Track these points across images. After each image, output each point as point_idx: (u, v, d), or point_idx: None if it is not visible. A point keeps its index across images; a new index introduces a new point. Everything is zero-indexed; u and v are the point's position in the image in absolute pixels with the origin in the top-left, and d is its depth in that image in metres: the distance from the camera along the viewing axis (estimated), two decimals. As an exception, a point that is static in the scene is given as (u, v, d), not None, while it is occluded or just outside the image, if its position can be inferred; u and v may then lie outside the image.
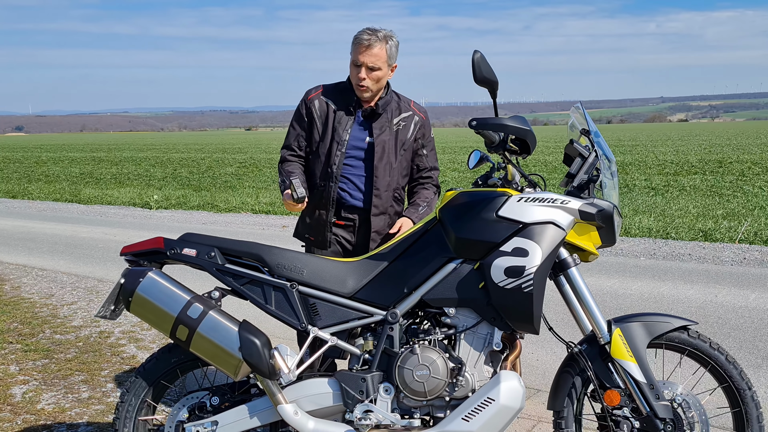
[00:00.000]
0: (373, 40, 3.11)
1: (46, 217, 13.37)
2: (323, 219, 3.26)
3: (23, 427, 3.68)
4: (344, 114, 3.24)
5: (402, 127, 3.27)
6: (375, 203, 3.23)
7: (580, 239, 2.62)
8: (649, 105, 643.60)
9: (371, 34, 3.12)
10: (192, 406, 2.72)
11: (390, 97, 3.28)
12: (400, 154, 3.27)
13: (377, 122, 3.24)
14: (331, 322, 2.67)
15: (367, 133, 3.24)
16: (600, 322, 2.62)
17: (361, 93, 3.20)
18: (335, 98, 3.26)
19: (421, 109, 3.36)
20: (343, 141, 3.21)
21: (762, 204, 12.25)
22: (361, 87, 3.17)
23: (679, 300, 6.00)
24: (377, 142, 3.21)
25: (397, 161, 3.27)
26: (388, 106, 3.27)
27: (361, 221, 3.27)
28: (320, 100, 3.27)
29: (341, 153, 3.21)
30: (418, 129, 3.31)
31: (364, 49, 3.11)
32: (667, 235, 9.31)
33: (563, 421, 2.69)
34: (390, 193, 3.27)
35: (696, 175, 18.63)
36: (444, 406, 2.61)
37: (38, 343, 5.12)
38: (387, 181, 3.24)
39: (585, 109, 2.84)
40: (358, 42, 3.13)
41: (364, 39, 3.11)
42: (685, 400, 2.61)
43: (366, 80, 3.14)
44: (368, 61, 3.12)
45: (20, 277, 7.59)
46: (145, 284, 2.60)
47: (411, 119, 3.30)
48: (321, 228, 3.28)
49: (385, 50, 3.14)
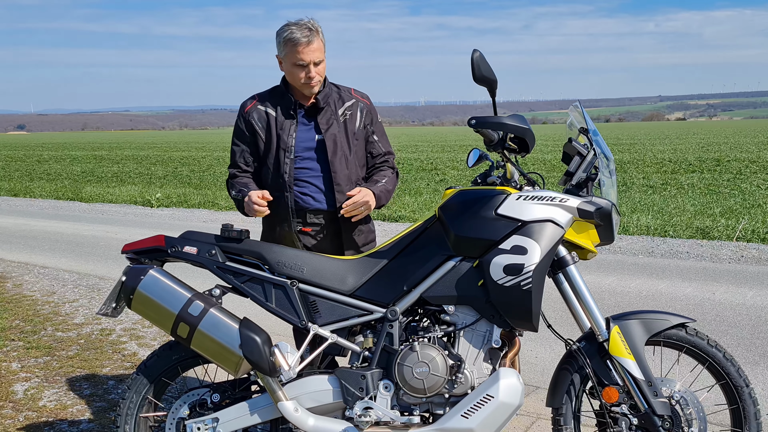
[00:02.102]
0: (311, 35, 2.99)
1: (48, 215, 13.39)
2: (287, 230, 3.13)
3: (25, 424, 3.70)
4: (285, 119, 3.11)
5: (349, 117, 3.16)
6: (339, 199, 3.10)
7: (578, 237, 2.63)
8: (647, 104, 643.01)
9: (302, 29, 2.99)
10: (193, 403, 2.74)
11: (329, 89, 3.16)
12: (353, 144, 3.15)
13: (322, 117, 3.13)
14: (331, 319, 2.69)
15: (314, 131, 3.13)
16: (598, 319, 2.63)
17: (311, 89, 3.07)
18: (272, 105, 3.14)
19: (363, 95, 3.25)
20: (290, 147, 3.09)
21: (759, 202, 12.25)
22: (312, 84, 3.05)
23: (677, 297, 6.01)
24: (327, 137, 3.10)
25: (352, 152, 3.15)
26: (329, 99, 3.15)
27: (327, 222, 3.15)
28: (257, 110, 3.14)
29: (290, 159, 3.08)
30: (365, 115, 3.21)
31: (305, 47, 2.98)
32: (665, 233, 9.33)
33: (562, 418, 2.70)
34: (351, 186, 3.12)
35: (694, 174, 18.62)
36: (443, 403, 2.63)
37: (40, 341, 5.14)
38: (346, 174, 3.12)
39: (583, 107, 2.85)
40: (295, 42, 2.98)
41: (302, 37, 2.97)
42: (683, 397, 2.62)
43: (316, 76, 3.04)
44: (314, 57, 3.01)
45: (22, 274, 7.61)
46: (147, 282, 2.62)
47: (356, 106, 3.19)
48: (288, 239, 3.13)
49: (321, 41, 3.04)
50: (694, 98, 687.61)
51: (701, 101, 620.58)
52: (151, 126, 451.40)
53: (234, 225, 2.75)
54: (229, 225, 2.74)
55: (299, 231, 3.14)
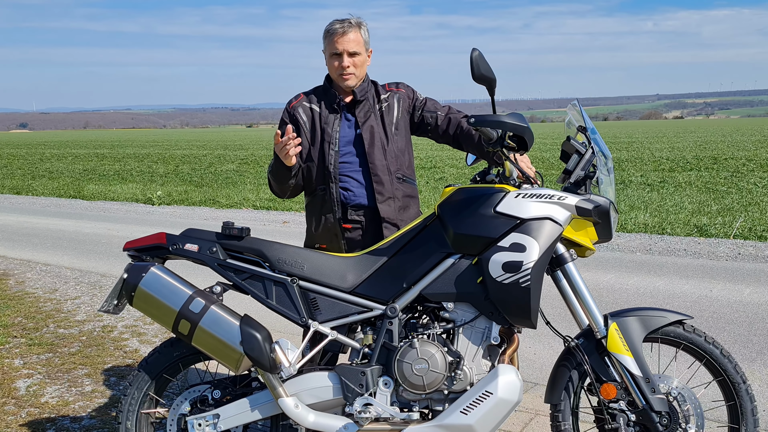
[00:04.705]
0: (347, 26, 3.09)
1: (50, 212, 13.42)
2: (331, 223, 3.18)
3: (27, 420, 3.72)
4: (329, 113, 3.19)
5: (386, 108, 3.22)
6: (378, 190, 3.15)
7: (576, 235, 2.64)
8: (645, 102, 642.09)
9: (342, 22, 3.10)
10: (194, 400, 2.75)
11: (367, 84, 3.24)
12: (394, 134, 3.20)
13: (360, 111, 3.19)
14: (331, 316, 2.71)
15: (354, 126, 3.20)
16: (597, 316, 2.65)
17: (345, 82, 3.14)
18: (317, 101, 3.22)
19: (397, 85, 3.31)
20: (335, 139, 3.16)
21: (756, 200, 12.26)
22: (345, 76, 3.13)
23: (674, 294, 6.03)
24: (364, 129, 3.16)
25: (390, 142, 3.19)
26: (368, 93, 3.22)
27: (368, 220, 3.19)
28: (303, 106, 3.22)
29: (335, 151, 3.15)
30: (403, 101, 3.26)
31: (341, 36, 3.08)
32: (663, 231, 9.35)
33: (560, 415, 2.72)
34: (390, 176, 3.17)
35: (691, 172, 18.62)
36: (442, 399, 2.64)
37: (42, 338, 5.16)
38: (384, 164, 3.15)
39: (582, 106, 2.86)
40: (332, 33, 3.10)
41: (338, 28, 3.08)
42: (680, 394, 2.64)
43: (350, 67, 3.11)
44: (348, 47, 3.09)
45: (24, 272, 7.63)
46: (148, 279, 2.63)
47: (392, 97, 3.25)
48: (332, 234, 3.20)
49: (360, 35, 3.12)
50: (692, 97, 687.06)
51: (699, 100, 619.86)
52: (152, 124, 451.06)
53: (235, 223, 2.77)
54: (230, 223, 2.76)
55: (342, 227, 3.19)
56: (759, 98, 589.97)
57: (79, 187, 18.31)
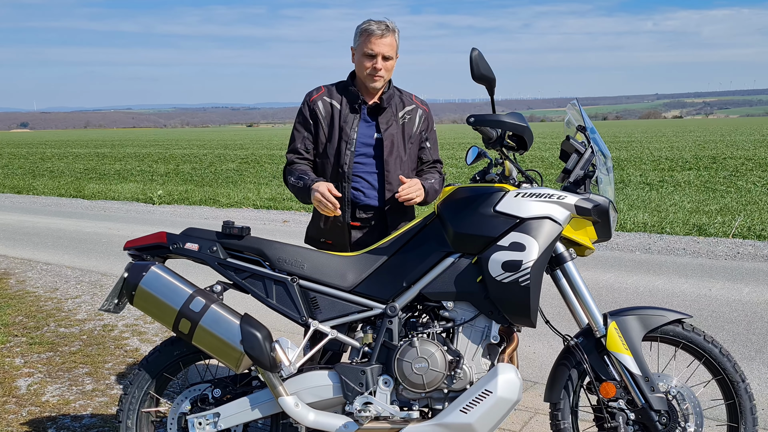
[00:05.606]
0: (385, 30, 3.11)
1: (51, 212, 13.42)
2: (340, 221, 3.19)
3: (28, 419, 3.72)
4: (349, 112, 3.20)
5: (408, 120, 3.25)
6: (389, 198, 3.18)
7: (576, 234, 2.65)
8: (644, 102, 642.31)
9: (380, 24, 3.12)
10: (194, 398, 2.76)
11: (392, 92, 3.26)
12: (408, 147, 3.24)
13: (383, 117, 3.21)
14: (331, 315, 2.71)
15: (375, 129, 3.20)
16: (596, 315, 2.66)
17: (374, 83, 3.16)
18: (339, 97, 3.23)
19: (423, 102, 3.35)
20: (352, 139, 3.16)
21: (755, 199, 12.28)
22: (376, 77, 3.14)
23: (673, 294, 6.04)
24: (386, 136, 3.18)
25: (406, 155, 3.24)
26: (392, 100, 3.24)
27: (376, 221, 3.22)
28: (323, 101, 3.22)
29: (351, 152, 3.16)
30: (422, 121, 3.30)
31: (378, 38, 3.10)
32: (662, 230, 9.36)
33: (559, 413, 2.72)
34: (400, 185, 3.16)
35: (690, 171, 18.63)
36: (442, 398, 2.65)
37: (43, 336, 5.17)
38: (398, 173, 3.18)
39: (581, 105, 2.86)
40: (370, 32, 3.10)
41: (377, 30, 3.09)
42: (679, 392, 2.64)
43: (382, 70, 3.13)
44: (384, 51, 3.11)
45: (25, 271, 7.64)
46: (148, 278, 2.64)
47: (415, 112, 3.28)
48: (339, 231, 3.21)
49: (395, 40, 3.16)
50: (691, 96, 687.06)
51: (698, 99, 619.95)
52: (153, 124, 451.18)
53: (235, 222, 2.78)
54: (231, 222, 2.77)
55: (349, 224, 3.20)
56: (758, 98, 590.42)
57: (79, 187, 18.32)
